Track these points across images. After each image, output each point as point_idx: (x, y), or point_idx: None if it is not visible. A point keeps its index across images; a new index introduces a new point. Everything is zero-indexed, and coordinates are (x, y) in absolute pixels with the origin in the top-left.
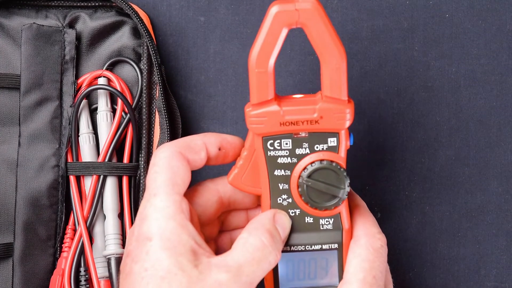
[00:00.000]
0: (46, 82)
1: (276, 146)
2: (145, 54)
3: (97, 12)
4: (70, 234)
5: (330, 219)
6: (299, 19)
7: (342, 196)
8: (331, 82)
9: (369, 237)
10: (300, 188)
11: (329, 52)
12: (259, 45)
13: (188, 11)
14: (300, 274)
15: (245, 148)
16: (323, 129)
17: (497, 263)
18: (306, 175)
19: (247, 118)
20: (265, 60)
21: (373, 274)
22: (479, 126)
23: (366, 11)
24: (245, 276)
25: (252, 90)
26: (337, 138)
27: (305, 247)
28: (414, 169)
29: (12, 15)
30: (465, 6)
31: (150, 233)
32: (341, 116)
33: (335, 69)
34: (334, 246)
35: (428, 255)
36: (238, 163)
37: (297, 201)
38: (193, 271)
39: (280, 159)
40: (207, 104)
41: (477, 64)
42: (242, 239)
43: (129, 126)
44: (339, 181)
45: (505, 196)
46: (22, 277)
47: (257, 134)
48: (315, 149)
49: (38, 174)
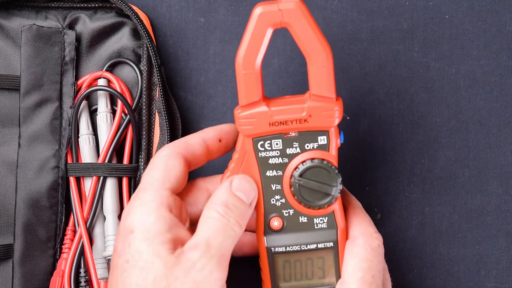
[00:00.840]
0: (46, 83)
1: (266, 147)
2: (145, 55)
3: (97, 13)
4: (70, 235)
5: (324, 218)
6: (282, 19)
7: (334, 193)
8: (318, 80)
9: (366, 237)
10: (293, 188)
11: (314, 51)
12: (245, 46)
13: (188, 12)
14: (297, 275)
15: (236, 151)
16: (312, 127)
17: (497, 264)
18: (297, 174)
19: (236, 120)
20: (251, 62)
21: (372, 273)
22: (479, 127)
23: (366, 12)
24: (214, 249)
25: (240, 92)
26: (327, 136)
27: (300, 247)
28: (414, 170)
29: (12, 16)
30: (465, 7)
31: (133, 226)
32: (330, 113)
33: (321, 67)
34: (330, 244)
35: (428, 256)
36: (230, 166)
37: (290, 201)
38: (170, 257)
39: (272, 160)
40: (207, 105)
41: (477, 65)
42: (202, 216)
43: (129, 127)
44: (331, 179)
45: (505, 197)
46: (22, 278)
47: (247, 136)
48: (306, 148)
49: (38, 175)
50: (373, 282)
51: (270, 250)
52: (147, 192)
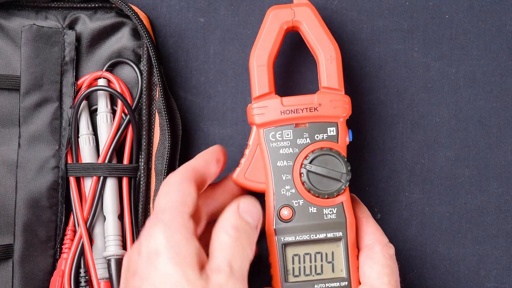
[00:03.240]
0: (46, 83)
1: (278, 137)
2: (145, 55)
3: (97, 13)
4: (70, 235)
5: (333, 209)
6: (294, 17)
7: (343, 180)
8: (328, 74)
9: (382, 245)
10: (303, 176)
11: (324, 45)
12: (259, 42)
13: (188, 12)
14: (306, 269)
15: (248, 146)
16: (322, 116)
17: (497, 264)
18: (307, 162)
19: (248, 112)
20: (264, 56)
21: (395, 278)
22: (479, 127)
23: (366, 12)
24: (237, 272)
25: (252, 85)
26: (336, 128)
27: (310, 236)
28: (414, 170)
29: (12, 16)
30: (465, 7)
31: (158, 248)
32: (339, 103)
33: (331, 60)
34: (339, 234)
35: (428, 256)
36: (242, 161)
37: (300, 190)
38: (199, 281)
39: (282, 150)
40: (207, 105)
41: (477, 65)
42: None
43: (129, 127)
44: (340, 166)
45: (505, 197)
46: (22, 278)
47: (259, 125)
48: (316, 139)
49: (38, 175)
50: (397, 287)
51: (279, 240)
52: (167, 214)
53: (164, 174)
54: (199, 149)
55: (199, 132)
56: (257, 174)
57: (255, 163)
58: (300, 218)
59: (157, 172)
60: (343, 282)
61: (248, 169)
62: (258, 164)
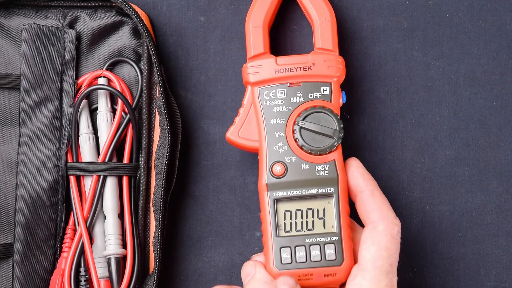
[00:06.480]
0: (46, 82)
1: (271, 95)
2: (145, 54)
3: (97, 12)
4: (70, 234)
5: (325, 166)
6: None
7: (336, 137)
8: (323, 35)
9: (387, 223)
10: (296, 133)
11: (319, 8)
12: (254, 5)
13: (188, 11)
14: (297, 225)
15: (242, 105)
16: (316, 75)
17: (497, 263)
18: (301, 119)
19: (243, 71)
20: (259, 18)
21: (390, 262)
22: (479, 126)
23: (366, 11)
24: None
25: (248, 45)
26: (330, 87)
27: (301, 192)
28: (414, 169)
29: (12, 15)
30: (465, 6)
31: None
32: (333, 63)
33: (325, 21)
34: (330, 190)
35: (428, 254)
36: (236, 119)
37: (292, 147)
38: None
39: (276, 108)
40: (207, 104)
41: (477, 64)
42: None
43: (129, 126)
44: (333, 123)
45: (505, 196)
46: (22, 277)
47: (253, 84)
48: (309, 98)
49: (38, 174)
50: (390, 271)
51: (271, 195)
52: None
53: (164, 173)
54: (199, 148)
55: (199, 131)
56: (250, 132)
57: (248, 122)
58: (292, 174)
59: (157, 171)
60: (334, 236)
61: (241, 127)
62: (252, 123)
